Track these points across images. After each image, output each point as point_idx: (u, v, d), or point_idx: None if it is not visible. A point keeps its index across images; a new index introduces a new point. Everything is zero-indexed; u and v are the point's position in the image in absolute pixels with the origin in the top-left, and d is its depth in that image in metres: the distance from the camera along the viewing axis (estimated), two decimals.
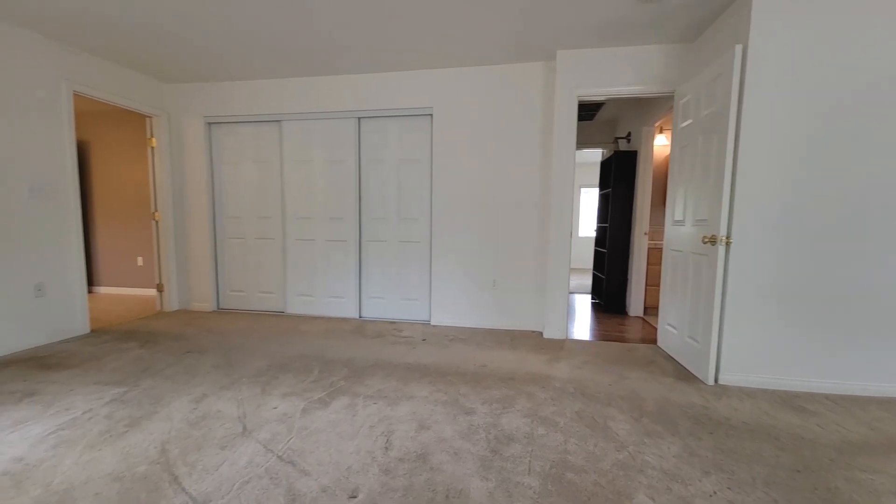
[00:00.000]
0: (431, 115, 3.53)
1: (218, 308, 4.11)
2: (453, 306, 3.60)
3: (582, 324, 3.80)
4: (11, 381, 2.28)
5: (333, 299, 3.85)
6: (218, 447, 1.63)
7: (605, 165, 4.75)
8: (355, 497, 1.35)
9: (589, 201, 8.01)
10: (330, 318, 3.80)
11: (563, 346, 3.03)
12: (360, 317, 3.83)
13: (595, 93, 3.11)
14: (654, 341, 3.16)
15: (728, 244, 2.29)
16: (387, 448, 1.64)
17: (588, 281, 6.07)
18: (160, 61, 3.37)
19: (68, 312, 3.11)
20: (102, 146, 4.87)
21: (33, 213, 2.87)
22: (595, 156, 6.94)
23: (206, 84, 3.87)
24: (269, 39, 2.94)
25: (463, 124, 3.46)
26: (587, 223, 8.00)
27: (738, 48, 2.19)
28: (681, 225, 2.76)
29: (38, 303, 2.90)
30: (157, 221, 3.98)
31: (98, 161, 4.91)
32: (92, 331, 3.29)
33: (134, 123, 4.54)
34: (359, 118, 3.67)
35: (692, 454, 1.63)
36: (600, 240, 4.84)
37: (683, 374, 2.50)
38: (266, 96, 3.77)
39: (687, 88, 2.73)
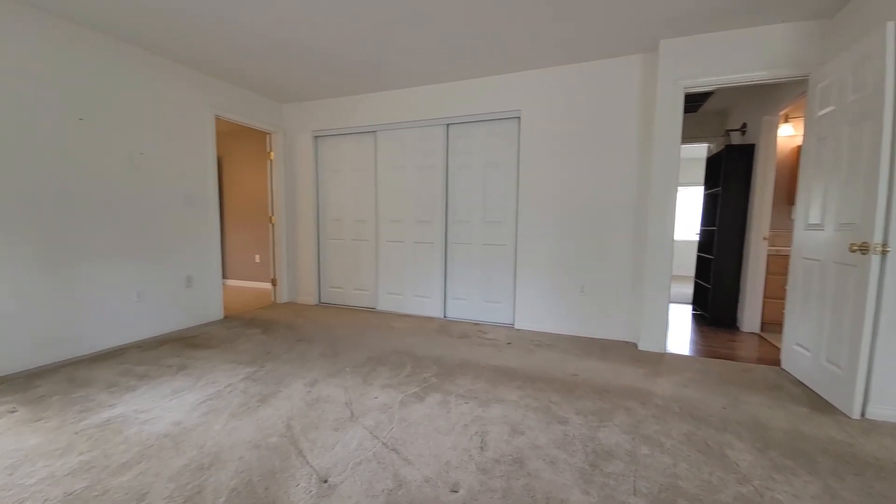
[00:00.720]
0: (519, 117, 3.51)
1: (319, 302, 4.57)
2: (538, 311, 3.54)
3: (682, 337, 3.46)
4: (169, 356, 2.80)
5: (419, 298, 4.03)
6: (331, 428, 1.82)
7: (713, 161, 4.27)
8: (456, 492, 1.41)
9: (688, 201, 7.25)
10: (416, 317, 3.99)
11: (663, 361, 2.80)
12: (445, 317, 3.96)
13: (705, 82, 2.82)
14: (777, 363, 2.76)
15: (885, 253, 1.91)
16: (482, 448, 1.68)
17: (686, 290, 5.50)
18: (280, 85, 3.85)
19: (208, 301, 3.72)
20: (232, 160, 5.72)
21: (186, 218, 3.48)
22: (697, 151, 6.25)
23: (314, 102, 4.33)
24: (368, 62, 3.20)
25: (552, 124, 3.38)
26: (685, 225, 7.24)
27: (891, 25, 1.82)
28: (818, 229, 2.37)
29: (187, 292, 3.52)
30: (272, 224, 4.55)
31: (228, 173, 5.78)
32: (224, 317, 3.89)
33: (256, 140, 5.25)
34: (447, 124, 3.79)
35: (834, 496, 1.40)
36: (705, 244, 4.36)
37: (819, 404, 2.15)
38: (364, 110, 4.10)
39: (827, 71, 2.34)
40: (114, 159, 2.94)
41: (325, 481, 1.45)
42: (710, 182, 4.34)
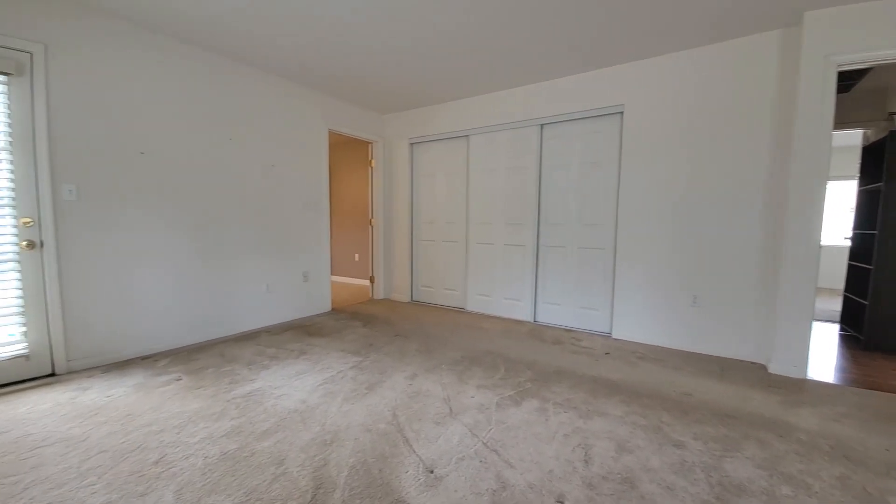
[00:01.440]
0: (622, 112, 3.29)
1: (412, 300, 4.82)
2: (640, 320, 3.27)
3: (826, 361, 2.91)
4: (291, 341, 3.19)
5: (509, 301, 4.01)
6: (433, 422, 1.91)
7: (872, 151, 3.51)
8: (562, 503, 1.37)
9: (835, 199, 6.05)
10: (505, 319, 3.97)
11: (803, 388, 2.38)
12: (535, 321, 3.88)
13: (865, 58, 2.35)
14: None
15: None
16: (587, 462, 1.61)
17: (831, 305, 4.60)
18: (382, 97, 4.15)
19: (320, 294, 4.17)
20: (338, 168, 6.33)
21: (304, 221, 3.95)
22: (848, 139, 5.19)
23: (410, 111, 4.59)
24: (465, 68, 3.28)
25: (660, 117, 3.10)
26: (831, 228, 6.05)
27: None
28: None
29: (304, 286, 3.99)
30: (372, 226, 4.93)
31: (335, 180, 6.40)
32: (332, 309, 4.32)
33: (360, 149, 5.73)
34: (541, 125, 3.72)
35: None
36: (860, 251, 3.60)
37: None
38: (456, 115, 4.22)
39: None
40: (252, 171, 3.46)
41: (432, 472, 1.53)
42: (866, 176, 3.58)
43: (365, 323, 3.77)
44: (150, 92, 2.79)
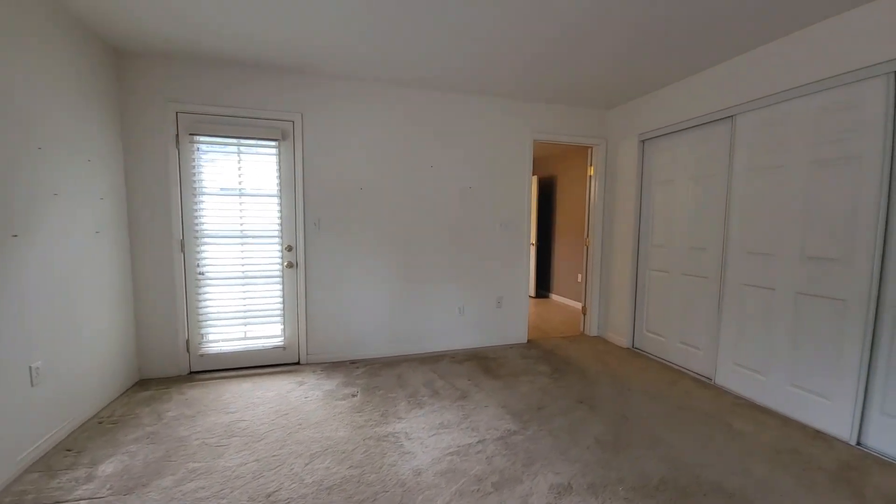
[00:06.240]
0: None
1: (632, 346, 3.68)
2: None
3: None
4: (463, 376, 2.97)
5: (802, 392, 2.32)
6: None
7: None
8: None
9: None
10: (790, 421, 2.33)
11: None
12: (859, 443, 2.07)
13: None
14: None
15: None
16: None
17: None
18: (602, 86, 3.29)
19: (515, 323, 3.80)
20: (565, 178, 5.74)
21: (499, 242, 3.68)
22: None
23: (641, 99, 3.47)
24: (722, 12, 2.06)
25: None
26: None
27: None
28: None
29: (497, 312, 3.73)
30: (587, 247, 4.10)
31: (561, 191, 5.86)
32: (528, 340, 3.86)
33: (584, 156, 4.95)
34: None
35: None
36: None
37: None
38: (711, 88, 2.83)
39: None
40: (450, 195, 3.49)
41: None
42: None
43: (554, 369, 3.11)
44: (364, 132, 3.23)
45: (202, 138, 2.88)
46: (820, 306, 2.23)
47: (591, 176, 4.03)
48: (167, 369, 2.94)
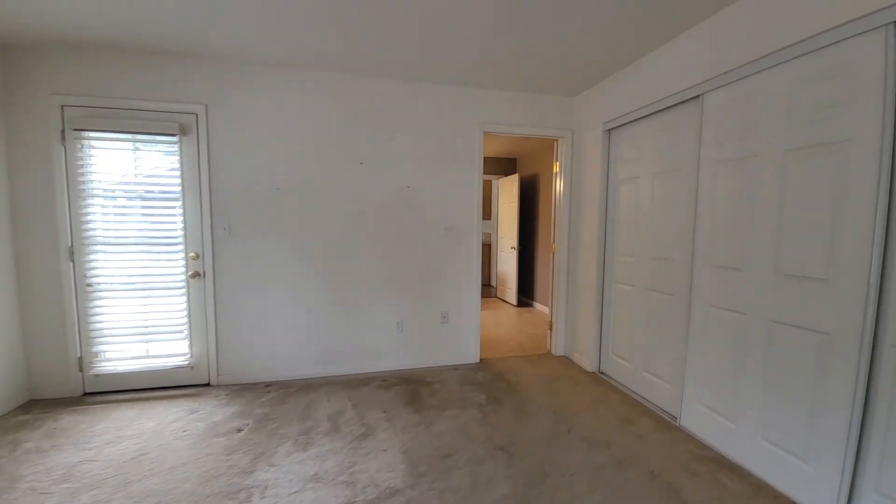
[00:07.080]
0: None
1: (598, 370, 3.16)
2: None
3: None
4: (380, 407, 2.55)
5: (777, 451, 1.78)
6: None
7: None
8: None
9: None
10: (762, 486, 1.79)
11: None
12: None
13: None
14: None
15: None
16: None
17: None
18: (567, 68, 2.78)
19: (465, 340, 3.34)
20: (547, 176, 5.23)
21: (443, 248, 3.22)
22: None
23: (605, 82, 2.97)
24: None
25: None
26: None
27: None
28: None
29: (442, 328, 3.28)
30: (553, 255, 3.60)
31: (544, 190, 5.35)
32: (481, 360, 3.40)
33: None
34: None
35: None
36: None
37: None
38: (676, 61, 2.31)
39: None
40: (383, 194, 3.07)
41: None
42: None
43: (490, 400, 2.65)
44: (281, 125, 2.86)
45: (91, 134, 2.58)
46: (798, 339, 1.69)
47: (556, 173, 3.53)
48: (59, 390, 2.66)
